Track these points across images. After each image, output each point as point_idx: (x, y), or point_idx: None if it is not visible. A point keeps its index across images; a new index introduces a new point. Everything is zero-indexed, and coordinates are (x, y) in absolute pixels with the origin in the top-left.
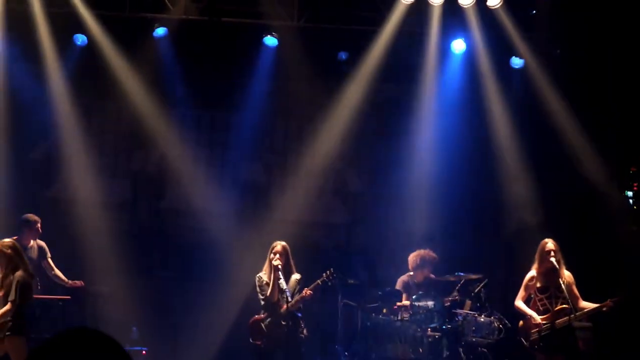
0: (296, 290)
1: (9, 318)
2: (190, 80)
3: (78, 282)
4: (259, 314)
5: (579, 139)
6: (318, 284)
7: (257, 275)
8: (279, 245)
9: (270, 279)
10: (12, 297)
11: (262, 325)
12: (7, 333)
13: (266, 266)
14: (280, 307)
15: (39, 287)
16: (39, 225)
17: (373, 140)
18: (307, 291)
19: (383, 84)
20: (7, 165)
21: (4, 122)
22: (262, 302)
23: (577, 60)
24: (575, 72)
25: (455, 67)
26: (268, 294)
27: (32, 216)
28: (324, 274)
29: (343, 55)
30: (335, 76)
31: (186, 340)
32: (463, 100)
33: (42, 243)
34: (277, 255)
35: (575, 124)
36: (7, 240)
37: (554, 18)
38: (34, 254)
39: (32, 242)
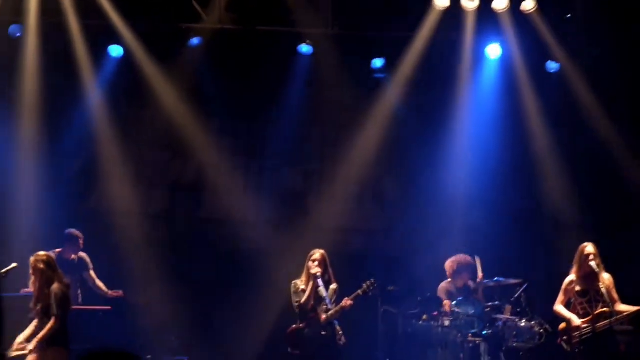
0: (333, 300)
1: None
2: (226, 89)
3: (118, 292)
4: (296, 322)
5: (618, 141)
6: (359, 294)
7: (293, 281)
8: (317, 253)
9: (307, 286)
10: (54, 311)
11: (301, 334)
12: (49, 344)
13: (304, 273)
14: (319, 316)
15: (81, 300)
16: (81, 241)
17: (410, 146)
18: (347, 301)
19: (418, 90)
20: (46, 178)
21: (41, 135)
22: (297, 310)
23: (613, 63)
24: (612, 74)
25: (490, 72)
26: (302, 301)
27: (75, 232)
28: (365, 284)
29: (378, 62)
30: (370, 83)
31: (225, 349)
32: (499, 106)
33: (84, 255)
34: (316, 263)
35: (614, 126)
36: (41, 253)
37: (589, 21)
38: (76, 266)
39: (74, 255)
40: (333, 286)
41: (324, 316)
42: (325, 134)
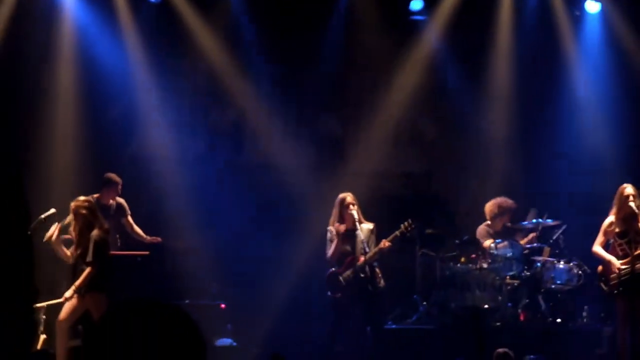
0: (371, 240)
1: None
2: (265, 35)
3: (157, 238)
4: (335, 266)
5: None
6: (397, 235)
7: (329, 228)
8: (349, 196)
9: (340, 232)
10: (89, 258)
11: (340, 277)
12: (88, 290)
13: (335, 219)
14: (358, 259)
15: (119, 244)
16: (120, 186)
17: (448, 88)
18: (385, 242)
19: (457, 32)
20: (85, 124)
21: (81, 82)
22: (328, 258)
23: None
24: None
25: (531, 13)
26: (330, 254)
27: (114, 176)
28: (402, 225)
29: (417, 4)
30: (408, 27)
31: (264, 293)
32: (539, 47)
33: (122, 201)
34: (354, 206)
35: None
36: (82, 198)
37: None
38: (114, 212)
39: (111, 200)
40: (369, 226)
41: (362, 259)
42: (362, 79)
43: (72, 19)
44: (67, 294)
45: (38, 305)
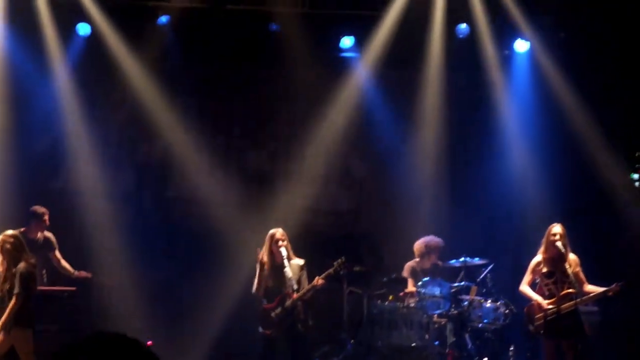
0: (302, 277)
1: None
2: (194, 68)
3: (84, 273)
4: (268, 302)
5: (584, 122)
6: (330, 273)
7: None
8: (279, 232)
9: (262, 262)
10: (16, 290)
11: (272, 314)
12: (13, 325)
13: (264, 254)
14: (290, 295)
15: (45, 280)
16: (46, 217)
17: (377, 125)
18: (319, 280)
19: (387, 70)
20: (12, 157)
21: (8, 113)
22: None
23: (582, 44)
24: (580, 55)
25: (461, 52)
26: (253, 291)
27: (39, 208)
28: (336, 263)
29: (347, 41)
30: (339, 62)
31: (191, 329)
32: (467, 85)
33: (50, 235)
34: (284, 242)
35: (580, 107)
36: (9, 232)
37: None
38: (41, 245)
39: (39, 234)
40: (299, 262)
41: (295, 295)
42: (292, 114)
43: (1, 48)
44: None
45: None
